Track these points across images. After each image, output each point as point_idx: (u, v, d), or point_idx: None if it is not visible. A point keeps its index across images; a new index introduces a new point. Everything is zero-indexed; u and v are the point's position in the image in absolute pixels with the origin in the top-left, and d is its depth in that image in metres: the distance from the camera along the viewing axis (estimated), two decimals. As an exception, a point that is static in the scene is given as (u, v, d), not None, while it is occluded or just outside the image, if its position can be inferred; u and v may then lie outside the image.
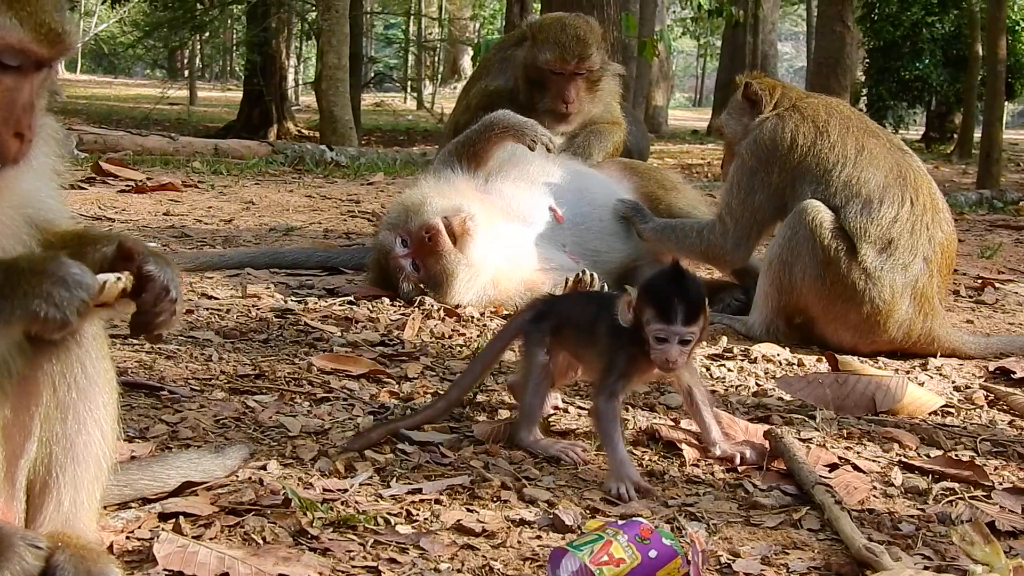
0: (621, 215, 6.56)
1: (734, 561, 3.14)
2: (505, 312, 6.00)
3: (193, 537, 3.09)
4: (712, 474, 3.89)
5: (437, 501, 3.46)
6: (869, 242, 5.62)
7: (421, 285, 6.04)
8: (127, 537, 3.09)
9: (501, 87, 7.42)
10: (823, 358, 5.44)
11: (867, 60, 31.86)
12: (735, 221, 6.00)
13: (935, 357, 5.73)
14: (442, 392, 4.44)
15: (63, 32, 2.59)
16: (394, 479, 3.64)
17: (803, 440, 4.24)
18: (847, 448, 4.23)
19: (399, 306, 5.99)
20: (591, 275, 5.81)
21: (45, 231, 2.78)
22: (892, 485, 3.86)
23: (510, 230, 6.33)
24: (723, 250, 6.08)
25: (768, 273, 5.87)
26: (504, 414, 4.36)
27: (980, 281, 7.59)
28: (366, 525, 3.23)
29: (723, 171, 6.45)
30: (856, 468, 3.99)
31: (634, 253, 6.64)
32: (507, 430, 4.08)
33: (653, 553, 2.91)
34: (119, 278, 2.64)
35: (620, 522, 3.06)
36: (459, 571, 3.01)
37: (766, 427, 4.26)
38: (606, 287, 5.82)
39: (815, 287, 5.69)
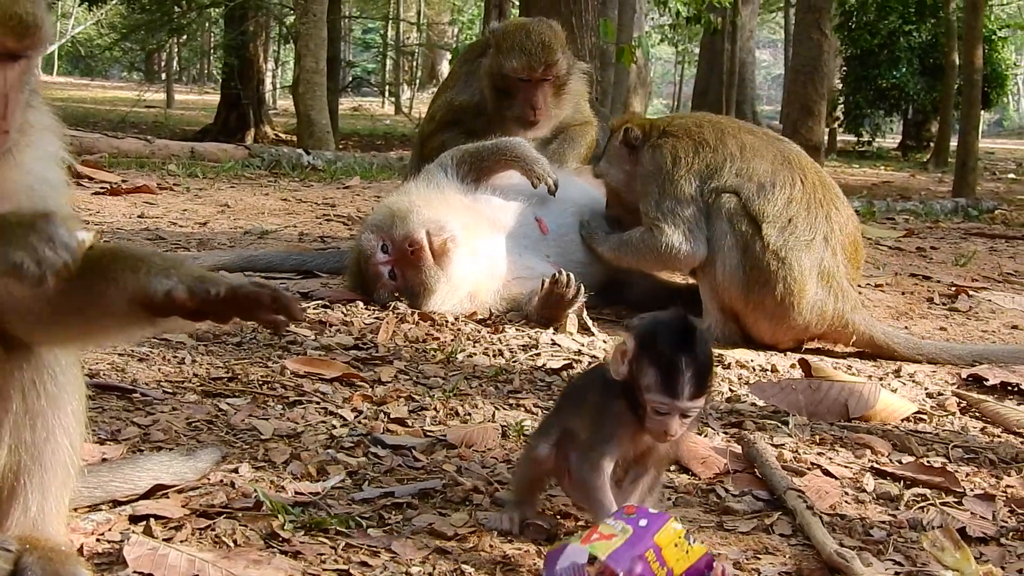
0: (583, 237, 6.51)
1: (706, 566, 3.14)
2: (479, 317, 5.98)
3: (164, 539, 3.07)
4: (684, 480, 3.89)
5: (409, 505, 3.45)
6: (769, 222, 5.74)
7: (396, 294, 6.02)
8: (97, 539, 3.08)
9: (467, 102, 7.37)
10: (796, 364, 5.46)
11: (844, 68, 32.11)
12: (669, 224, 5.87)
13: (848, 345, 5.87)
14: (415, 397, 4.41)
15: (34, 24, 2.50)
16: (366, 483, 3.64)
17: (776, 446, 4.25)
18: (819, 454, 4.24)
19: (373, 310, 5.97)
20: (567, 275, 5.79)
21: None
22: (864, 491, 3.87)
23: (494, 242, 6.29)
24: (675, 250, 5.87)
25: (701, 279, 5.98)
26: (478, 419, 4.36)
27: (954, 288, 7.61)
28: (338, 528, 3.22)
29: (608, 215, 6.52)
30: (828, 474, 4.00)
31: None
32: None
33: (643, 522, 2.88)
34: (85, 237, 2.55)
35: None
36: (430, 575, 3.00)
37: (733, 444, 4.27)
38: (582, 289, 5.82)
39: (736, 277, 5.79)
